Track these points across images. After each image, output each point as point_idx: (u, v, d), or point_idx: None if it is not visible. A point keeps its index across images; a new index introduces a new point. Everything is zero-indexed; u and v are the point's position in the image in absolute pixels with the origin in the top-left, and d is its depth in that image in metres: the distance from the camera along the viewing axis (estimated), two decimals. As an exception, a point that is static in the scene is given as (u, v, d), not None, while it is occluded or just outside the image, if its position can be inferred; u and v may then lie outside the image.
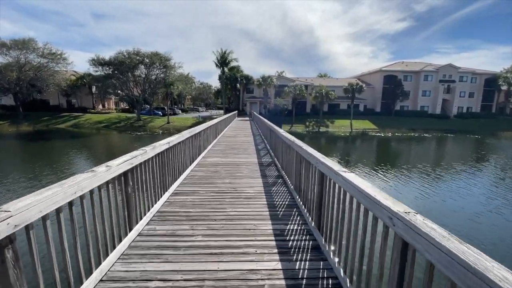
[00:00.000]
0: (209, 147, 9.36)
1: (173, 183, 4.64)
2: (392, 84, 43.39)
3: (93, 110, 43.76)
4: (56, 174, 11.62)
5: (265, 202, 4.05)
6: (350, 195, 2.10)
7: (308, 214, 3.37)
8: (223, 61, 42.72)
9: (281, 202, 4.06)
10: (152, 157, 3.52)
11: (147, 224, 3.25)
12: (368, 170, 13.47)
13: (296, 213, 3.65)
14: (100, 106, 47.77)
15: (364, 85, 38.92)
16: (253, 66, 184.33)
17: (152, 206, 3.58)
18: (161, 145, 3.78)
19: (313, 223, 3.12)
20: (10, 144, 22.24)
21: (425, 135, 31.27)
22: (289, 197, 4.29)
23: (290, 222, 3.36)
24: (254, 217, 3.49)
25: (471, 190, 10.24)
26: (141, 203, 3.17)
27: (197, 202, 4.07)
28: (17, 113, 37.66)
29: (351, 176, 2.12)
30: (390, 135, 31.10)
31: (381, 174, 12.62)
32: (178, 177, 5.03)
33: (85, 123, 36.59)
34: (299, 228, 3.21)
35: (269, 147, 9.13)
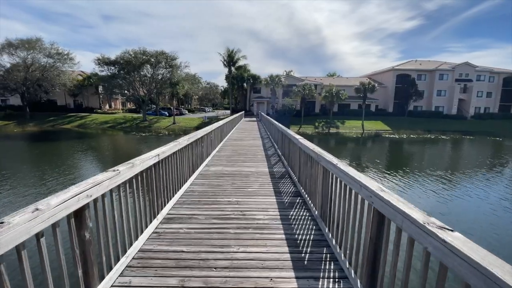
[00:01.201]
0: (214, 152, 8.43)
1: (165, 205, 3.70)
2: (406, 83, 41.72)
3: (99, 110, 43.59)
4: (57, 180, 10.93)
5: (283, 237, 3.05)
6: (466, 282, 1.09)
7: (348, 264, 2.36)
8: (230, 60, 41.87)
9: (304, 236, 3.06)
10: (132, 177, 2.59)
11: (121, 274, 2.31)
12: (386, 174, 12.31)
13: (328, 255, 2.65)
14: (107, 106, 47.62)
15: (376, 85, 37.40)
16: (259, 67, 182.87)
17: (131, 244, 2.64)
18: (144, 160, 2.83)
19: (358, 281, 2.12)
20: (12, 145, 21.86)
21: (442, 137, 29.67)
22: (314, 227, 3.29)
23: (321, 274, 2.36)
24: (269, 264, 2.50)
25: (503, 203, 9.01)
26: (110, 248, 2.22)
27: (193, 234, 3.11)
28: (24, 113, 37.70)
29: (464, 246, 1.12)
30: (405, 136, 29.61)
31: (399, 178, 11.46)
32: (173, 196, 4.09)
33: (91, 124, 36.31)
34: (337, 286, 2.21)
35: (280, 153, 8.14)
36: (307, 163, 4.05)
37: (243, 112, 34.27)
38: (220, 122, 9.96)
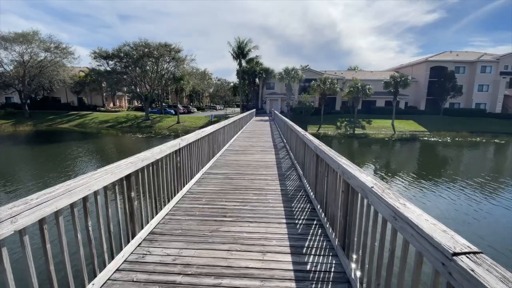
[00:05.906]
0: (188, 186, 4.61)
1: None
2: (441, 77, 36.23)
3: (102, 109, 41.06)
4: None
5: None
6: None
7: None
8: (240, 52, 37.84)
9: None
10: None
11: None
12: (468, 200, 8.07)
13: None
14: (111, 104, 45.11)
15: (410, 77, 32.37)
16: (273, 64, 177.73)
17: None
18: None
19: None
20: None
21: (495, 140, 24.44)
22: None
23: None
24: None
25: None
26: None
27: None
28: (23, 111, 35.59)
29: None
30: (449, 140, 24.56)
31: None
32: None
33: (90, 123, 33.64)
34: None
35: (309, 191, 4.19)
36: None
37: (254, 110, 30.41)
38: (208, 129, 6.08)
